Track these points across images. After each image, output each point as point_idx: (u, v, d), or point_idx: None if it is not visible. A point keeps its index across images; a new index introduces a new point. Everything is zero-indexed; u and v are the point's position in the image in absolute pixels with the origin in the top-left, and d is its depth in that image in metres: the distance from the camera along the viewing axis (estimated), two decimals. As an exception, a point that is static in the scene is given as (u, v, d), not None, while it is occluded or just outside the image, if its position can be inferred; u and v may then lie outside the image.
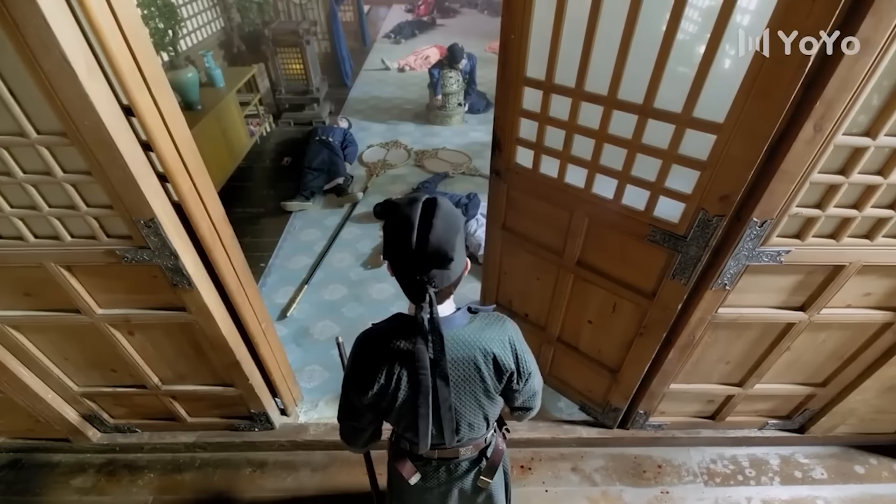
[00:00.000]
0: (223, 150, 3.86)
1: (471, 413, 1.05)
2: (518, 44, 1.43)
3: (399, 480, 1.22)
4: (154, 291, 1.45)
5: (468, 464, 1.20)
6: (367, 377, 0.98)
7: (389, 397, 0.99)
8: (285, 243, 3.34)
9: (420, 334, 0.92)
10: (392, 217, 0.88)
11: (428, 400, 0.96)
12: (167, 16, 3.19)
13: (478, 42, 7.74)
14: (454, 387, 0.99)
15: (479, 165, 4.30)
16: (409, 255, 0.85)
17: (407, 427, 1.07)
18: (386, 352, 0.97)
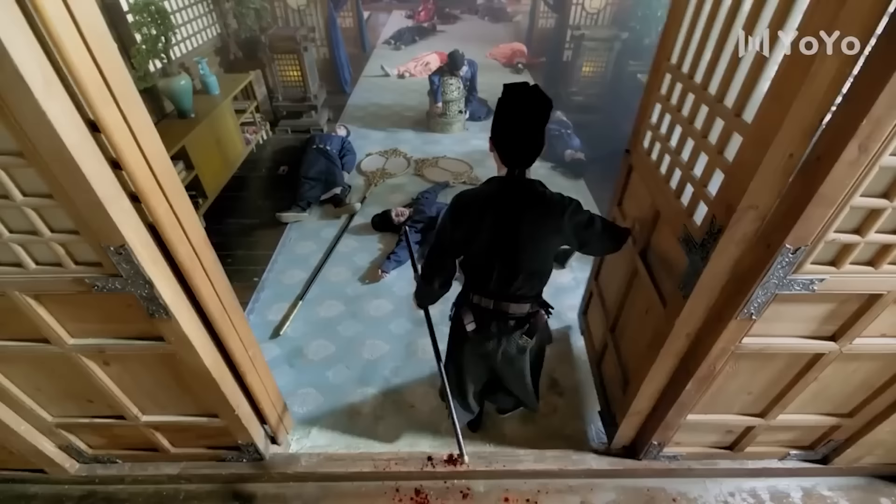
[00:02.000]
0: (217, 159, 3.76)
1: (529, 262, 1.34)
2: (671, 29, 1.54)
3: (457, 328, 1.56)
4: (129, 321, 1.34)
5: (514, 322, 1.46)
6: (463, 216, 1.31)
7: (477, 234, 1.30)
8: (280, 256, 3.23)
9: (510, 188, 1.27)
10: (508, 92, 1.21)
11: (505, 241, 1.29)
12: (160, 22, 3.09)
13: (478, 48, 7.67)
14: (521, 236, 1.29)
15: (481, 174, 4.19)
16: (525, 121, 1.19)
17: (480, 268, 1.37)
18: (479, 200, 1.31)
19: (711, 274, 1.33)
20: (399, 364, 2.46)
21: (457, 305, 1.58)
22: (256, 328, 2.66)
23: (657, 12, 4.34)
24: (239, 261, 3.20)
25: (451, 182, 4.02)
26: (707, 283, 1.35)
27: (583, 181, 4.12)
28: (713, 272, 1.32)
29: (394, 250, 3.13)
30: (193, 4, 4.21)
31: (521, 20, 9.61)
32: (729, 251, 1.26)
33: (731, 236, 1.22)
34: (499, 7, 10.30)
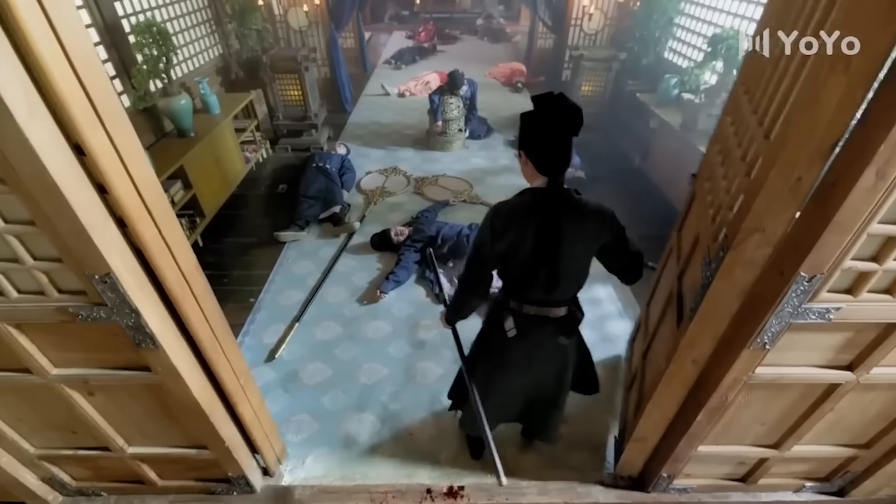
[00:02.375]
0: (216, 178, 3.74)
1: (570, 268, 1.38)
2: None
3: (495, 336, 1.55)
4: (115, 350, 1.28)
5: (554, 326, 1.49)
6: (504, 230, 1.32)
7: (518, 247, 1.32)
8: (277, 276, 3.17)
9: (549, 197, 1.29)
10: (540, 102, 1.23)
11: (548, 249, 1.31)
12: (161, 43, 3.11)
13: (478, 68, 7.76)
14: (566, 242, 1.32)
15: (481, 193, 4.17)
16: (559, 128, 1.22)
17: (522, 277, 1.40)
18: (520, 211, 1.32)
19: (715, 295, 1.29)
20: (397, 389, 2.38)
21: (492, 314, 1.61)
22: (251, 351, 2.59)
23: (654, 33, 4.39)
24: (235, 281, 3.15)
25: (451, 200, 4.00)
26: (711, 304, 1.32)
27: (583, 199, 4.09)
28: (717, 293, 1.29)
29: (393, 270, 3.08)
30: (196, 26, 4.26)
31: (519, 40, 9.76)
32: (735, 274, 1.22)
33: (736, 258, 1.19)
34: (498, 28, 10.46)
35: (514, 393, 1.71)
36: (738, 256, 1.19)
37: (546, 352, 1.57)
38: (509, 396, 1.72)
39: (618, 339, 2.68)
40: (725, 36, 3.23)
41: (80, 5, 2.88)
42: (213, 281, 3.10)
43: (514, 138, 5.20)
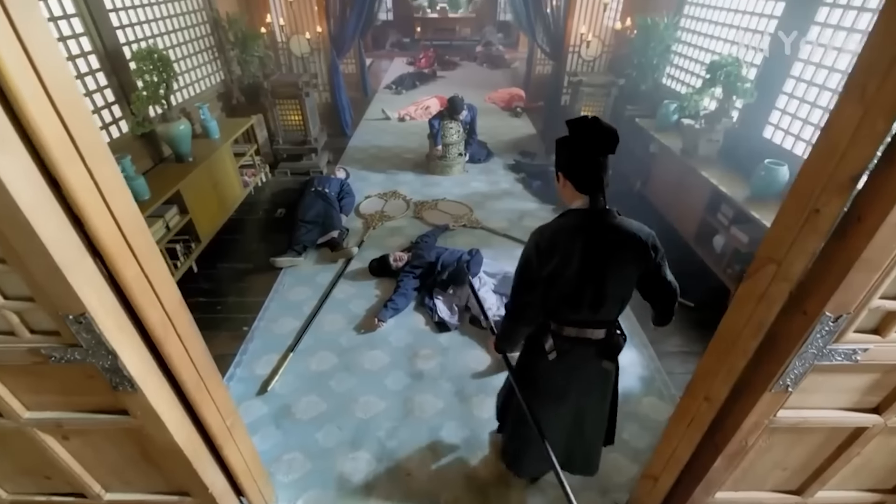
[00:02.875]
0: (213, 203, 3.70)
1: (615, 289, 1.38)
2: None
3: (535, 362, 1.57)
4: (91, 393, 1.19)
5: (595, 349, 1.49)
6: (550, 252, 1.33)
7: (564, 267, 1.32)
8: (272, 303, 3.09)
9: (593, 216, 1.31)
10: (577, 125, 1.26)
11: (594, 269, 1.32)
12: (161, 69, 3.11)
13: (477, 93, 7.86)
14: (610, 263, 1.33)
15: (481, 217, 4.13)
16: (598, 147, 1.26)
17: (567, 298, 1.40)
18: (565, 233, 1.33)
19: (730, 327, 1.24)
20: (395, 424, 2.27)
21: (531, 339, 1.59)
22: (242, 383, 2.49)
23: (652, 60, 4.43)
24: (229, 308, 3.06)
25: (451, 225, 3.95)
26: (726, 337, 1.26)
27: (585, 224, 4.04)
28: (731, 325, 1.23)
29: (391, 297, 3.00)
30: (199, 53, 4.30)
31: (518, 66, 9.93)
32: (749, 307, 1.15)
33: (750, 289, 1.14)
34: (497, 55, 10.67)
35: (556, 421, 1.66)
36: (752, 287, 1.13)
37: (588, 375, 1.56)
38: (552, 425, 1.65)
39: (624, 370, 2.58)
40: (724, 63, 3.24)
41: (82, 32, 2.90)
42: (206, 308, 3.04)
43: (513, 162, 5.20)
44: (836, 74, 2.78)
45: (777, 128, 3.25)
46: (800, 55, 3.03)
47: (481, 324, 2.84)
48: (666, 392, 2.47)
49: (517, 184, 4.78)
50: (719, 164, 3.48)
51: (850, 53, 2.69)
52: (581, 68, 5.42)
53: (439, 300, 3.05)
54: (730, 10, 3.75)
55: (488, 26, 12.10)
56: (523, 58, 9.91)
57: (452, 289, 3.12)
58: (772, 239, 1.07)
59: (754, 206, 2.92)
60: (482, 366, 2.63)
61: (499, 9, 12.74)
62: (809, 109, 2.98)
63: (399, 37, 12.30)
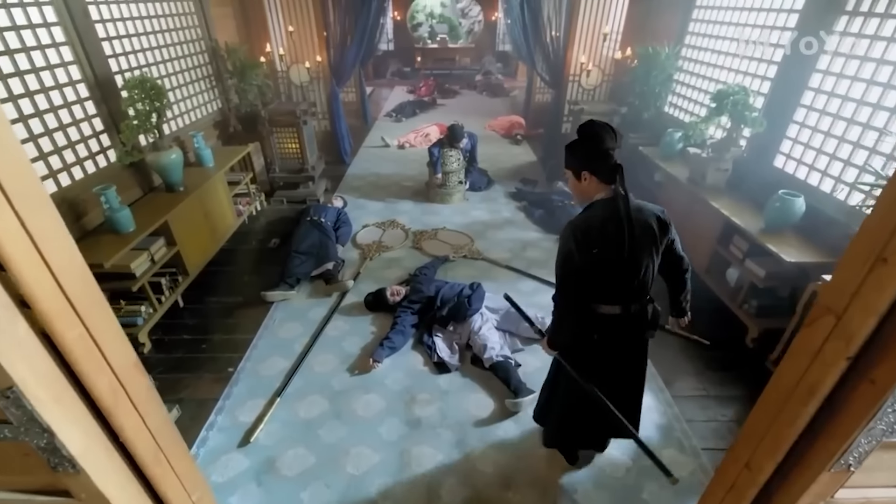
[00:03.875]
0: (204, 233, 3.56)
1: (648, 264, 1.56)
2: None
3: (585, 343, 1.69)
4: (28, 472, 1.01)
5: (636, 322, 1.65)
6: (587, 240, 1.49)
7: (603, 254, 1.49)
8: (261, 341, 2.90)
9: (618, 204, 1.47)
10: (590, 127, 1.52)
11: (627, 250, 1.48)
12: (154, 98, 3.03)
13: (477, 120, 7.87)
14: (639, 241, 1.51)
15: (482, 247, 3.99)
16: (610, 142, 1.48)
17: (608, 277, 1.55)
18: (598, 221, 1.50)
19: (776, 386, 1.07)
20: (389, 481, 2.06)
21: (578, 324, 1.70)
22: (223, 433, 2.28)
23: (655, 89, 4.39)
24: (215, 347, 2.87)
25: (451, 256, 3.80)
26: (771, 398, 1.09)
27: (590, 255, 3.89)
28: (778, 384, 1.07)
29: (388, 335, 2.81)
30: (195, 81, 4.26)
31: (517, 95, 10.01)
32: (800, 364, 0.99)
33: (805, 343, 0.98)
34: (496, 83, 10.79)
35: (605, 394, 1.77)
36: (807, 341, 0.97)
37: (631, 347, 1.74)
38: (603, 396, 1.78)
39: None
40: (730, 91, 3.17)
41: (71, 61, 2.83)
42: (190, 347, 2.85)
43: (515, 190, 5.10)
44: (849, 104, 2.69)
45: (789, 157, 3.14)
46: (810, 84, 2.96)
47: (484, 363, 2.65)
48: (687, 443, 2.26)
49: (519, 212, 4.66)
50: (729, 194, 3.37)
51: (863, 82, 2.61)
52: (581, 97, 5.40)
53: (438, 338, 2.87)
54: (733, 39, 3.72)
55: (487, 56, 12.31)
56: (522, 86, 10.01)
57: (453, 325, 2.94)
58: (832, 287, 0.92)
59: (770, 239, 2.78)
60: (485, 412, 2.43)
61: (498, 39, 13.00)
62: (823, 139, 2.87)
63: (400, 66, 12.50)
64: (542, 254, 3.92)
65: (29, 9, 2.55)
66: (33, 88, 2.56)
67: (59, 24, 2.74)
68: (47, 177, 2.65)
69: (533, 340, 2.90)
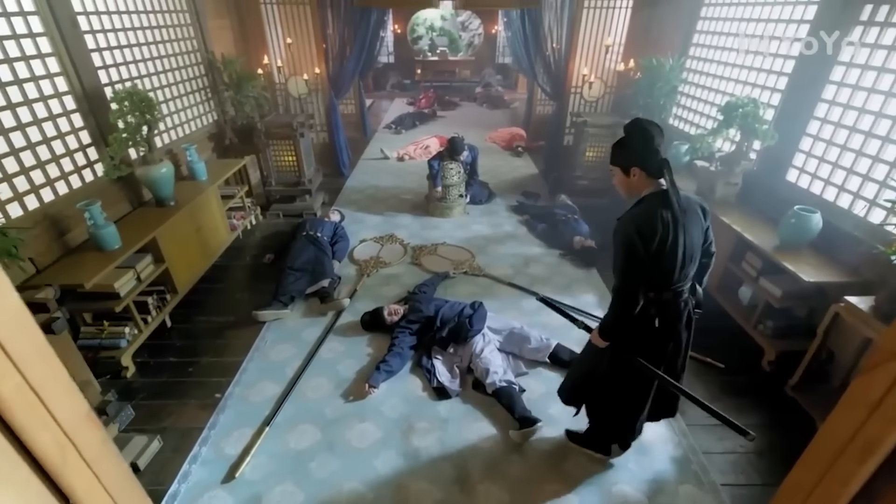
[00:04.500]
0: (194, 249, 3.43)
1: (697, 248, 1.70)
2: None
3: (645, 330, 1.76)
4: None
5: (683, 303, 1.77)
6: (650, 231, 1.59)
7: (663, 245, 1.60)
8: (251, 364, 2.76)
9: (671, 194, 1.58)
10: (637, 123, 1.63)
11: (683, 237, 1.62)
12: (143, 110, 2.93)
13: (478, 132, 7.80)
14: (692, 229, 1.66)
15: (483, 263, 3.86)
16: (658, 137, 1.59)
17: (666, 265, 1.65)
18: (654, 212, 1.59)
19: (826, 436, 0.92)
20: (384, 523, 1.90)
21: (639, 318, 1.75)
22: (206, 467, 2.13)
23: (659, 101, 4.30)
24: (202, 370, 2.73)
25: (452, 272, 3.67)
26: (820, 450, 0.94)
27: (595, 271, 3.76)
28: (829, 435, 0.91)
29: (384, 358, 2.67)
30: (190, 93, 4.17)
31: (517, 107, 9.98)
32: (855, 415, 0.84)
33: (861, 391, 0.83)
34: (496, 95, 10.76)
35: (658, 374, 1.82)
36: (864, 389, 0.82)
37: (681, 325, 1.81)
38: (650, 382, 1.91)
39: (653, 447, 2.23)
40: (740, 103, 3.07)
41: (58, 72, 2.73)
42: (176, 370, 2.71)
43: (516, 203, 4.99)
44: (866, 116, 2.59)
45: (802, 171, 3.03)
46: (824, 95, 2.85)
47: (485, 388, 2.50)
48: (705, 478, 2.10)
49: (521, 226, 4.54)
50: (739, 209, 3.25)
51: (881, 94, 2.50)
52: (584, 109, 5.32)
53: (438, 360, 2.73)
54: (740, 51, 3.63)
55: (487, 68, 12.32)
56: (523, 98, 9.97)
57: (453, 347, 2.80)
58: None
59: (786, 257, 2.65)
60: (487, 441, 2.28)
61: (498, 52, 13.04)
62: (839, 152, 2.76)
63: (400, 78, 12.50)
64: (546, 270, 3.78)
65: (13, 19, 2.46)
66: (16, 101, 2.46)
67: (45, 34, 2.65)
68: (29, 192, 2.54)
69: (537, 363, 2.76)
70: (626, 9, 5.00)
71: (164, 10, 3.78)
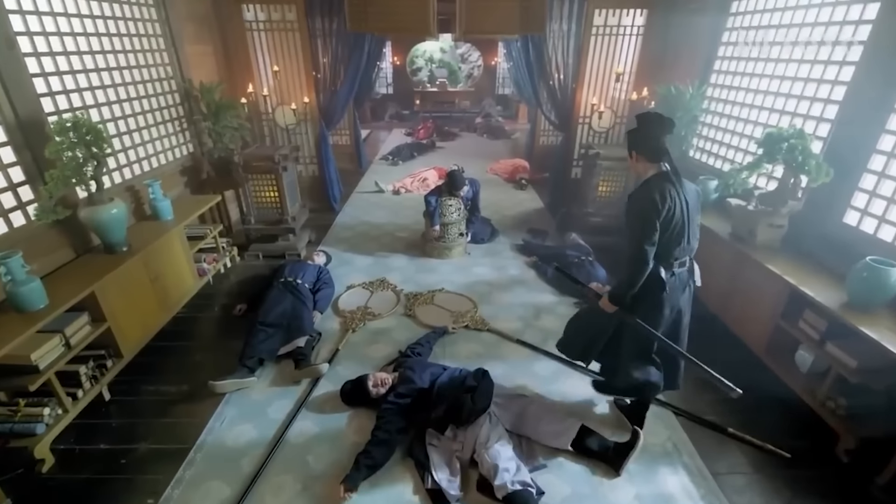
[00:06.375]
0: (149, 302, 2.93)
1: (696, 223, 2.00)
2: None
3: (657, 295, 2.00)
4: None
5: (686, 273, 2.06)
6: (664, 202, 1.84)
7: (673, 214, 1.86)
8: (201, 454, 2.21)
9: (671, 175, 1.91)
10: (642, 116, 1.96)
11: (687, 213, 1.91)
12: (90, 144, 2.50)
13: (478, 163, 7.47)
14: (692, 207, 1.95)
15: (487, 314, 3.35)
16: (656, 128, 1.89)
17: (676, 238, 1.92)
18: (661, 189, 1.86)
19: None
20: None
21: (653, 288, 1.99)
22: None
23: (680, 132, 3.91)
24: (138, 463, 2.18)
25: (451, 328, 3.15)
26: None
27: (616, 324, 3.24)
28: None
29: (366, 448, 2.12)
30: (161, 123, 3.77)
31: (518, 137, 9.70)
32: None
33: None
34: (497, 126, 10.52)
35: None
36: None
37: (686, 294, 2.10)
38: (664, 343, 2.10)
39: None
40: (785, 135, 2.65)
41: (-19, 100, 2.31)
42: (105, 463, 2.10)
43: (522, 242, 4.53)
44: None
45: (865, 213, 2.57)
46: (889, 125, 2.43)
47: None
48: None
49: (528, 269, 4.06)
50: (787, 256, 2.78)
51: (969, 124, 2.07)
52: (593, 139, 4.94)
53: (434, 449, 2.18)
54: (772, 76, 3.24)
55: (487, 99, 12.17)
56: (524, 128, 9.71)
57: (452, 431, 2.25)
58: None
59: (859, 319, 2.16)
60: None
61: (497, 83, 12.94)
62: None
63: (398, 109, 12.34)
64: (559, 322, 3.22)
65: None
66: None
67: (-30, 55, 2.24)
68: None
69: (557, 452, 2.21)
70: (636, 36, 4.69)
71: (133, 33, 3.42)
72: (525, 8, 4.46)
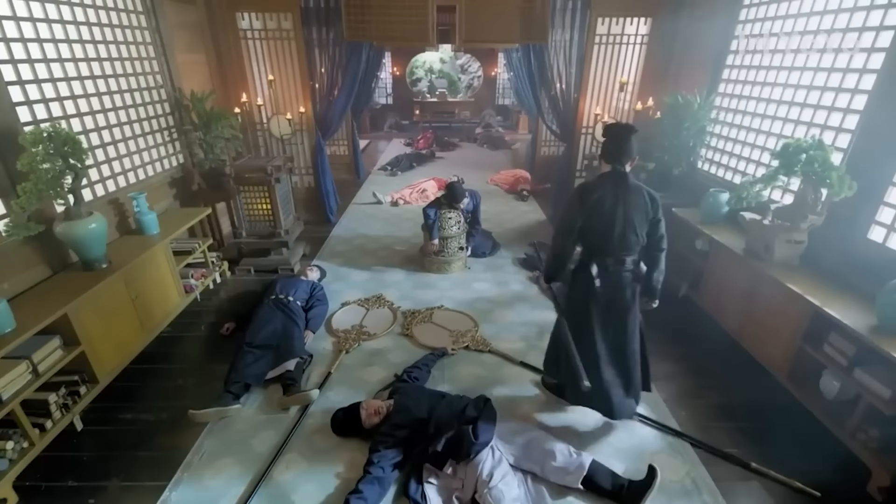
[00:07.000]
0: (129, 323, 2.76)
1: (637, 225, 2.05)
2: None
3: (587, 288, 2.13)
4: None
5: (629, 275, 2.12)
6: (588, 197, 2.02)
7: (601, 207, 2.01)
8: (176, 493, 2.02)
9: (616, 176, 2.04)
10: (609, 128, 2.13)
11: (620, 210, 2.02)
12: (66, 155, 2.36)
13: (478, 174, 7.35)
14: (629, 207, 2.03)
15: (488, 334, 3.17)
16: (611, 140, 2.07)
17: (604, 232, 2.04)
18: (598, 185, 2.05)
19: None
20: None
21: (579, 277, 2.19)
22: None
23: (688, 142, 3.78)
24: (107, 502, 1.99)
25: (451, 349, 2.97)
26: None
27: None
28: None
29: (357, 486, 1.93)
30: (149, 133, 3.63)
31: (518, 148, 9.60)
32: None
33: None
34: (497, 136, 10.42)
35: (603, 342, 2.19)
36: None
37: (624, 294, 2.14)
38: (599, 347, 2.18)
39: None
40: (803, 146, 2.51)
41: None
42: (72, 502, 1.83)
43: (524, 256, 4.36)
44: None
45: (893, 230, 2.41)
46: (917, 136, 2.29)
47: None
48: None
49: (531, 285, 3.89)
50: (807, 274, 2.61)
51: None
52: (596, 150, 4.80)
53: (432, 487, 2.00)
54: (786, 85, 3.11)
55: (487, 109, 12.10)
56: (524, 139, 9.61)
57: (452, 466, 2.07)
58: None
59: (892, 344, 1.99)
60: None
61: (497, 94, 12.89)
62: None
63: (398, 119, 12.27)
64: (565, 343, 3.09)
65: None
66: None
67: (-62, 61, 2.10)
68: None
69: (567, 490, 2.03)
70: (640, 45, 4.59)
71: (121, 41, 3.30)
72: (527, 17, 4.36)
